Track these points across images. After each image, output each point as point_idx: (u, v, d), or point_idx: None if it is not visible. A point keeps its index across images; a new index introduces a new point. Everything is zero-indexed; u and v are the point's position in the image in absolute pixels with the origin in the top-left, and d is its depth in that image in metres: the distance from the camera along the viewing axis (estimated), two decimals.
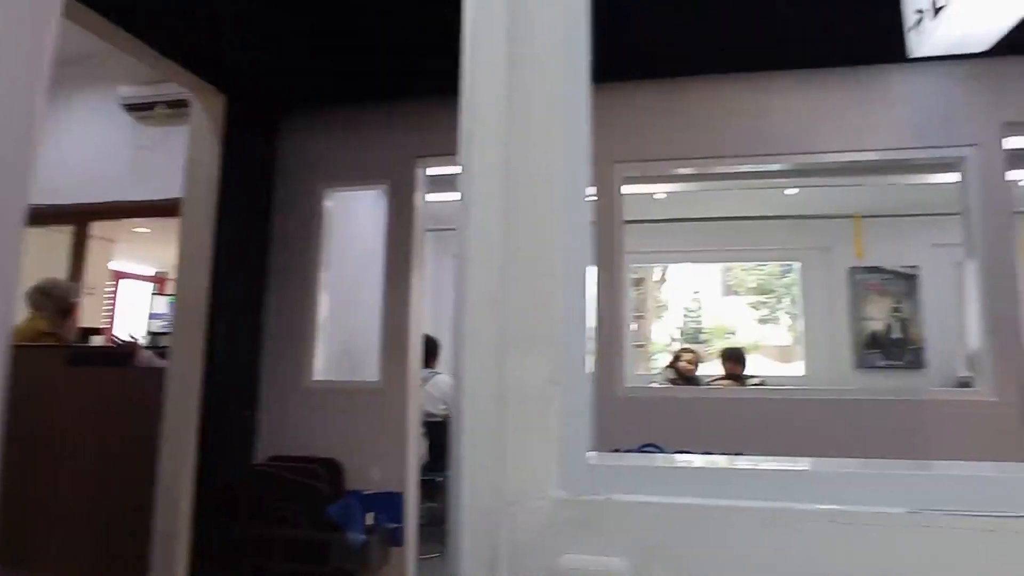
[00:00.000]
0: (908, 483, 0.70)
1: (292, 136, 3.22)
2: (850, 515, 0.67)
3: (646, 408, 2.81)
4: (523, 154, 0.85)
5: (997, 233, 2.80)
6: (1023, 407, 2.72)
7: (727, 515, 0.71)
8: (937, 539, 0.64)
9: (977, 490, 0.68)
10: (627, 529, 0.75)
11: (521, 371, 0.80)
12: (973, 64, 2.90)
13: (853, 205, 4.00)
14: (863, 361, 5.10)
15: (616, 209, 2.88)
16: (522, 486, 0.78)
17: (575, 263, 0.82)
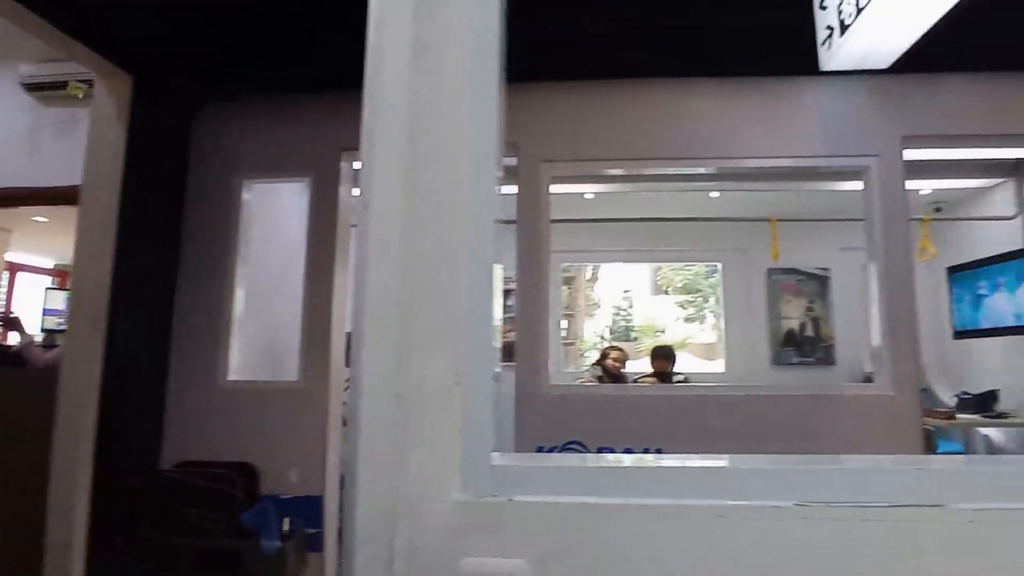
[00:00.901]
0: (797, 477, 0.73)
1: (208, 124, 3.05)
2: (739, 510, 0.69)
3: (572, 405, 2.82)
4: (428, 150, 0.82)
5: (896, 238, 2.99)
6: (918, 401, 2.92)
7: (623, 513, 0.72)
8: (823, 530, 0.66)
9: (860, 482, 0.71)
10: (529, 530, 0.74)
11: (423, 371, 0.78)
12: (877, 80, 3.08)
13: (770, 209, 4.18)
14: (779, 358, 5.36)
15: (543, 208, 2.89)
16: (422, 488, 0.75)
17: (481, 262, 0.80)
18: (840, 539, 0.66)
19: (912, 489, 0.70)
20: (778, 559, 0.68)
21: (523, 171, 2.92)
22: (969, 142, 3.21)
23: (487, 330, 0.80)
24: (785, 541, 0.68)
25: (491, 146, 0.87)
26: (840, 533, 0.66)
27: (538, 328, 2.77)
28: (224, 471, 2.60)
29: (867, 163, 3.05)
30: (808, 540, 0.68)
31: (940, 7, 2.42)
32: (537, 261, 2.82)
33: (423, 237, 0.81)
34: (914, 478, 0.72)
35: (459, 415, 0.79)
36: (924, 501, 0.68)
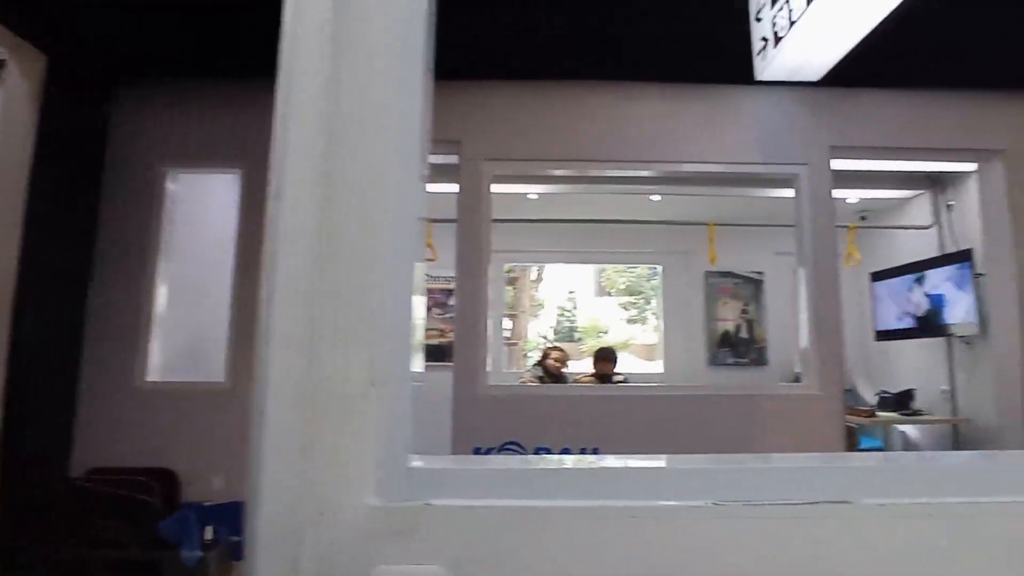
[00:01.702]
0: (714, 477, 0.73)
1: (130, 107, 2.88)
2: (656, 510, 0.68)
3: (510, 406, 2.81)
4: (346, 140, 0.78)
5: (823, 244, 3.11)
6: (841, 400, 3.05)
7: (540, 516, 0.70)
8: (739, 528, 0.66)
9: (775, 480, 0.72)
10: (446, 535, 0.71)
11: (337, 370, 0.74)
12: (808, 92, 3.20)
13: (708, 214, 4.29)
14: (715, 359, 5.51)
15: (485, 206, 2.87)
16: (333, 494, 0.71)
17: (401, 258, 0.76)
18: (756, 536, 0.67)
19: (823, 486, 0.72)
20: (695, 558, 0.67)
21: (465, 169, 2.89)
22: (891, 154, 3.39)
23: (407, 329, 0.77)
24: (702, 540, 0.68)
25: (414, 140, 0.83)
26: (756, 531, 0.67)
27: (477, 328, 2.75)
28: (140, 478, 2.45)
29: (797, 171, 3.17)
30: (724, 538, 0.68)
31: (865, 25, 2.54)
32: (477, 260, 2.80)
33: (339, 231, 0.76)
34: (825, 475, 0.74)
35: (375, 416, 0.75)
36: (834, 497, 0.71)
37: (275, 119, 0.78)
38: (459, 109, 2.95)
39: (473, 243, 2.81)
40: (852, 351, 5.35)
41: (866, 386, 5.23)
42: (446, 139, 2.89)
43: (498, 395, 2.81)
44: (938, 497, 0.72)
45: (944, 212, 4.38)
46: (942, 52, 3.15)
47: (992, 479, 0.74)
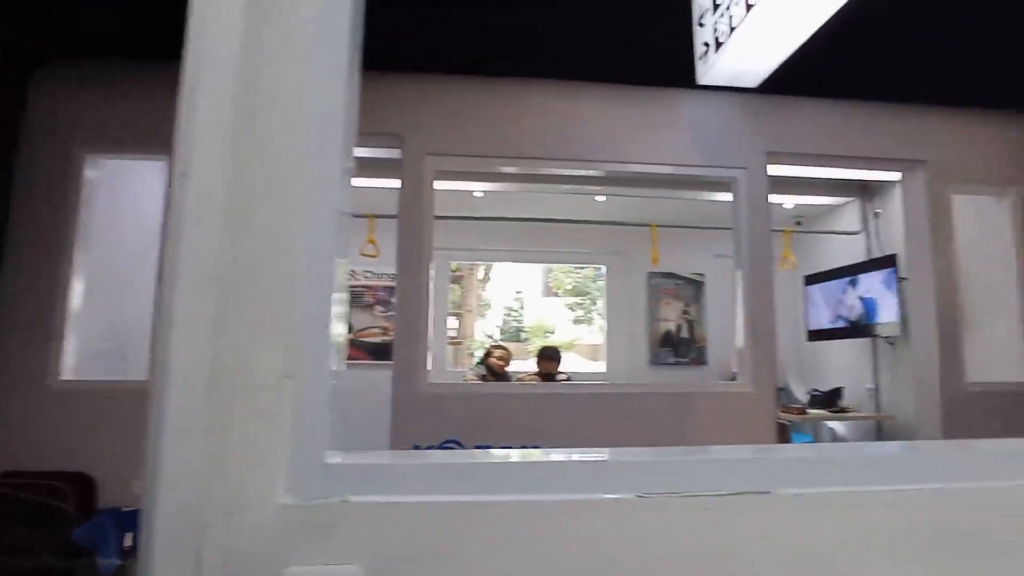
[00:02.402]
0: (640, 470, 0.72)
1: (49, 91, 2.70)
2: (581, 504, 0.67)
3: (450, 404, 2.78)
4: (260, 119, 0.74)
5: (759, 247, 3.21)
6: (773, 397, 3.15)
7: (465, 511, 0.68)
8: (664, 519, 0.66)
9: (698, 473, 0.72)
10: (365, 533, 0.68)
11: (247, 362, 0.69)
12: (747, 98, 3.30)
13: (651, 215, 4.37)
14: (656, 358, 5.62)
15: (427, 202, 2.82)
16: (242, 492, 0.67)
17: (319, 250, 0.73)
18: (680, 527, 0.67)
19: (744, 477, 0.73)
20: (620, 550, 0.67)
21: (407, 164, 2.84)
22: (823, 161, 3.52)
23: (324, 322, 0.73)
24: (627, 532, 0.66)
25: (336, 129, 0.79)
26: (680, 521, 0.67)
27: (417, 325, 2.70)
28: (55, 482, 2.29)
29: (736, 175, 3.26)
30: (650, 529, 0.67)
31: (800, 35, 2.63)
32: (419, 257, 2.75)
33: (251, 216, 0.72)
34: (746, 467, 0.74)
35: (289, 410, 0.71)
36: (754, 488, 0.71)
37: (182, 88, 0.73)
38: (402, 103, 2.89)
39: (414, 239, 2.76)
40: (786, 351, 5.56)
41: (799, 385, 5.43)
42: (388, 132, 2.83)
43: (439, 393, 2.78)
44: (853, 486, 0.74)
45: (872, 219, 4.59)
46: (871, 65, 3.30)
47: (905, 469, 0.77)
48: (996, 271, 3.68)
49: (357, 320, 5.10)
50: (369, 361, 4.98)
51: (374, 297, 5.11)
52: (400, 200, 2.81)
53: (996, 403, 3.41)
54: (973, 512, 0.74)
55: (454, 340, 7.30)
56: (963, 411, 3.34)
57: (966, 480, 0.76)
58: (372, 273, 5.08)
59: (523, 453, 0.78)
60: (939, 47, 3.15)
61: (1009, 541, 0.74)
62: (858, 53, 3.17)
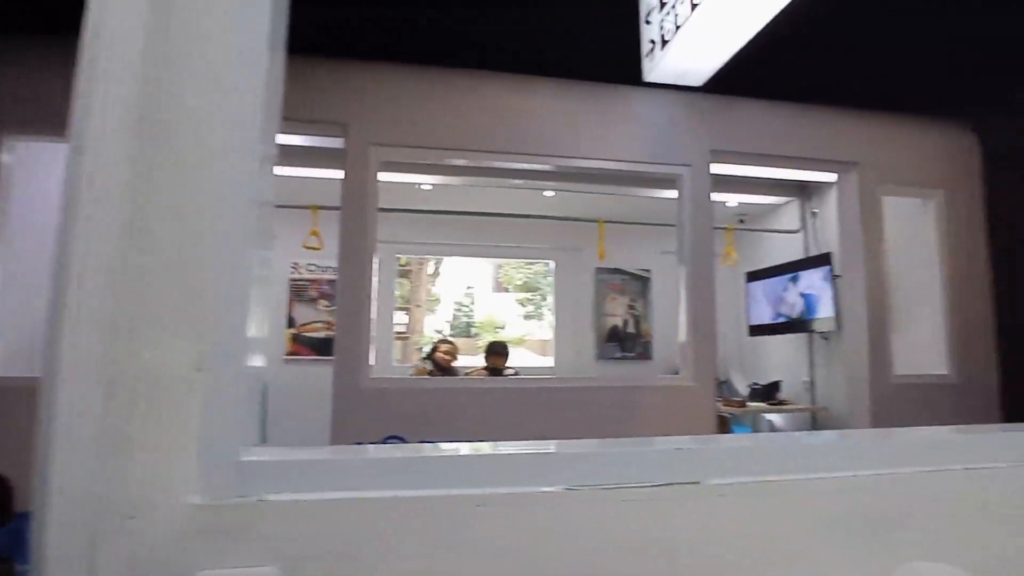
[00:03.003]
0: (568, 462, 0.72)
1: None
2: (508, 497, 0.65)
3: (394, 399, 2.73)
4: (169, 95, 0.69)
5: (701, 244, 3.27)
6: (713, 390, 3.23)
7: (389, 507, 0.66)
8: (593, 512, 0.66)
9: (628, 464, 0.72)
10: (282, 533, 0.64)
11: (153, 354, 0.65)
12: (692, 97, 3.35)
13: (599, 211, 4.41)
14: (603, 353, 5.69)
15: (371, 194, 2.76)
16: (147, 493, 0.63)
17: (235, 237, 0.69)
18: (609, 519, 0.67)
19: (674, 468, 0.73)
20: (549, 543, 0.65)
21: (351, 154, 2.77)
22: (764, 161, 3.62)
23: (241, 313, 0.69)
24: (556, 525, 0.65)
25: (252, 113, 0.75)
26: (609, 514, 0.67)
27: (360, 319, 2.64)
28: None
29: (681, 172, 3.31)
30: (578, 523, 0.66)
31: (743, 36, 2.68)
32: (361, 249, 2.68)
33: (157, 200, 0.67)
34: (676, 458, 0.74)
35: (200, 405, 0.67)
36: (683, 479, 0.71)
37: (80, 60, 0.68)
38: (347, 91, 2.82)
39: (358, 232, 2.69)
40: (728, 346, 5.71)
41: (739, 378, 5.60)
42: (331, 121, 2.75)
43: (382, 388, 2.72)
44: (779, 475, 0.75)
45: (810, 218, 4.76)
46: (810, 69, 3.41)
47: (829, 457, 0.78)
48: (921, 270, 3.87)
49: (300, 314, 4.96)
50: (312, 357, 4.85)
51: (318, 291, 4.98)
52: (343, 191, 2.73)
53: (919, 394, 3.59)
54: (893, 497, 0.77)
55: (402, 335, 7.21)
56: (890, 402, 3.51)
57: (886, 467, 0.78)
58: (316, 266, 4.94)
59: (450, 447, 0.76)
60: (873, 53, 3.28)
61: (926, 524, 0.77)
62: (797, 56, 3.27)
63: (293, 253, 4.62)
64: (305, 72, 2.72)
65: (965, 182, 3.84)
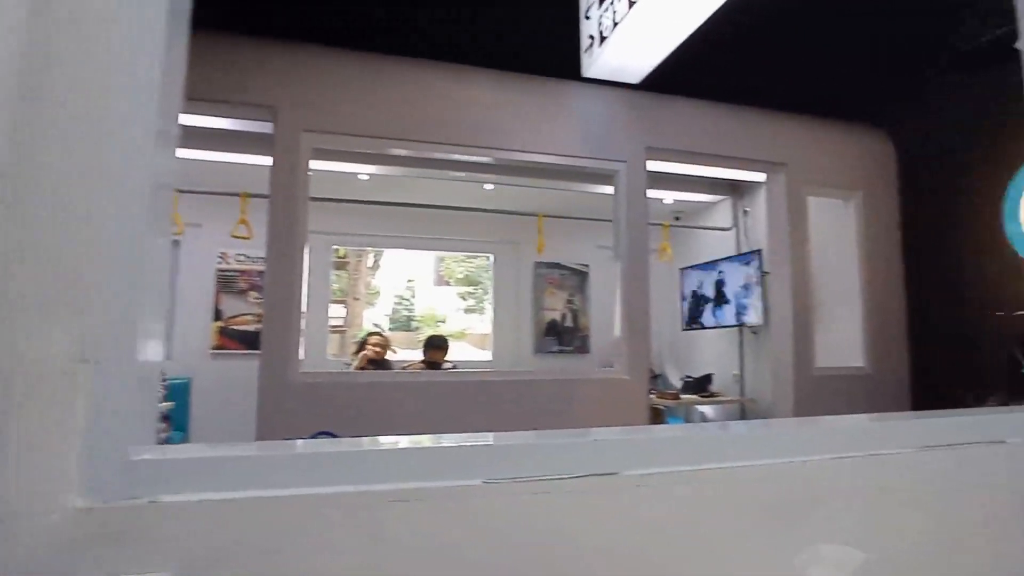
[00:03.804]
0: (487, 455, 0.70)
1: None
2: (426, 491, 0.63)
3: (325, 394, 2.65)
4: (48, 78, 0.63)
5: (636, 239, 3.33)
6: (646, 383, 3.30)
7: (294, 505, 0.62)
8: (512, 504, 0.65)
9: (546, 457, 0.71)
10: (177, 536, 0.60)
11: (30, 344, 0.59)
12: (629, 93, 3.40)
13: (538, 205, 4.43)
14: (541, 347, 5.73)
15: (302, 182, 2.66)
16: (21, 497, 0.57)
17: (127, 222, 0.63)
18: (527, 512, 0.66)
19: (593, 460, 0.73)
20: (468, 537, 0.64)
21: (280, 139, 2.66)
22: (697, 159, 3.71)
23: (134, 302, 0.64)
24: (475, 519, 0.64)
25: (149, 88, 0.69)
26: (527, 506, 0.66)
27: (290, 311, 2.55)
28: None
29: (617, 168, 3.35)
30: (497, 516, 0.65)
31: (679, 35, 2.73)
32: (291, 239, 2.59)
33: (40, 174, 0.62)
34: (593, 450, 0.74)
35: (84, 400, 0.62)
36: (601, 470, 0.71)
37: None
38: (276, 73, 2.70)
39: (287, 221, 2.59)
40: (663, 340, 5.86)
41: (674, 371, 5.75)
42: (259, 104, 2.63)
43: (313, 383, 2.64)
44: (696, 465, 0.76)
45: (741, 216, 4.92)
46: (742, 71, 3.52)
47: (743, 447, 0.80)
48: (842, 268, 4.07)
49: (228, 306, 4.75)
50: (242, 351, 4.67)
51: (248, 282, 4.78)
52: (272, 178, 2.62)
53: (838, 385, 3.78)
54: (802, 484, 0.79)
55: (338, 328, 7.05)
56: (811, 393, 3.67)
57: (797, 455, 0.81)
58: (246, 257, 4.75)
59: (365, 441, 0.73)
60: (799, 58, 3.41)
61: (832, 509, 0.80)
62: (730, 58, 3.37)
63: (221, 242, 4.43)
64: (232, 52, 2.60)
65: (882, 185, 4.06)
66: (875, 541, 0.81)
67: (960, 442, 0.90)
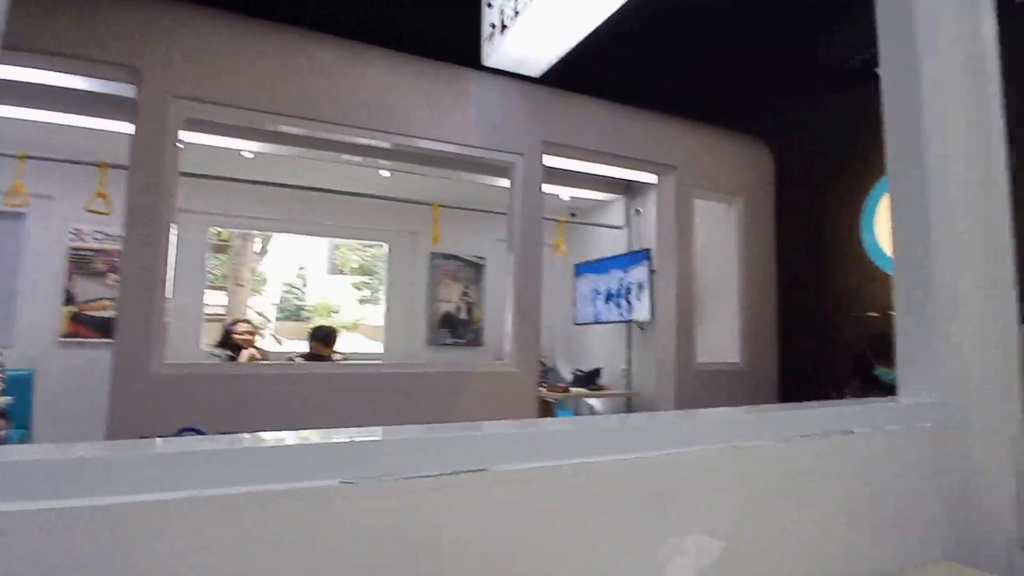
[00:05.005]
0: (345, 454, 0.64)
1: None
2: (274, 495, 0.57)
3: (194, 387, 2.43)
4: None
5: (530, 233, 3.33)
6: (535, 376, 3.32)
7: (110, 516, 0.52)
8: (372, 506, 0.61)
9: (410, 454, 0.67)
10: (8, 552, 0.50)
11: None
12: (529, 86, 3.40)
13: (435, 195, 4.33)
14: (435, 339, 5.65)
15: (169, 154, 2.40)
16: None
17: None
18: (389, 513, 0.62)
19: (460, 456, 0.70)
20: (323, 542, 0.58)
21: (145, 105, 2.39)
22: (593, 157, 3.78)
23: None
24: (329, 523, 0.59)
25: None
26: (390, 507, 0.62)
27: (152, 296, 2.30)
28: None
29: (514, 160, 3.34)
30: (355, 519, 0.60)
31: (579, 30, 2.75)
32: (155, 217, 2.33)
33: None
34: (463, 445, 0.70)
35: None
36: (471, 466, 0.68)
37: None
38: (142, 31, 2.42)
39: (151, 197, 2.33)
40: (557, 335, 5.96)
41: (565, 365, 5.87)
42: (121, 63, 2.35)
43: (179, 375, 2.40)
44: (567, 459, 0.74)
45: (634, 216, 5.09)
46: (639, 74, 3.62)
47: (612, 440, 0.78)
48: (724, 269, 4.31)
49: (83, 290, 4.25)
50: (97, 338, 4.19)
51: (107, 263, 4.30)
52: (133, 148, 2.35)
53: (716, 380, 4.01)
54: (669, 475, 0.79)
55: (218, 316, 6.58)
56: (691, 387, 3.87)
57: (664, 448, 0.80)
58: (105, 234, 4.26)
59: (206, 439, 0.64)
60: (693, 65, 3.56)
61: (696, 499, 0.80)
62: (628, 60, 3.45)
63: (76, 217, 3.96)
64: (88, 3, 2.30)
65: (761, 192, 4.34)
66: (730, 530, 0.83)
67: (815, 432, 0.94)
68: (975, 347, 1.13)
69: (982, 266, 1.17)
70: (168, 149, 2.39)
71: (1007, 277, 1.18)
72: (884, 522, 1.01)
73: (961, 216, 1.16)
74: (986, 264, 1.17)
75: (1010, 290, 1.18)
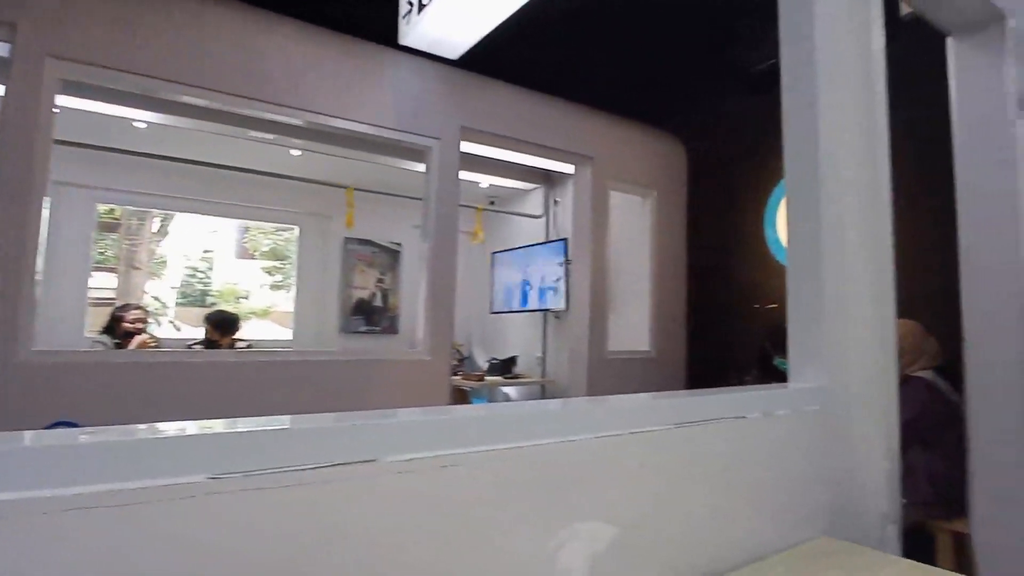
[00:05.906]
0: (215, 446, 0.58)
1: None
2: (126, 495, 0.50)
3: (69, 377, 2.22)
4: None
5: (446, 220, 3.28)
6: (448, 364, 3.28)
7: None
8: (244, 503, 0.56)
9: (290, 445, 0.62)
10: None
11: None
12: (446, 69, 3.33)
13: (350, 178, 4.18)
14: (348, 326, 5.49)
15: (43, 119, 2.17)
16: None
17: None
18: (265, 510, 0.57)
19: (348, 447, 0.66)
20: (186, 547, 0.53)
21: (17, 64, 2.14)
22: (511, 145, 3.76)
23: None
24: (197, 523, 0.53)
25: None
26: (266, 503, 0.57)
27: (17, 276, 2.07)
28: None
29: (430, 144, 3.26)
30: (224, 518, 0.55)
31: (497, 13, 2.71)
32: (24, 189, 2.09)
33: None
34: (351, 435, 0.66)
35: None
36: (358, 458, 0.64)
37: None
38: None
39: (19, 166, 2.08)
40: (473, 322, 5.94)
41: (481, 353, 5.87)
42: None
43: (52, 362, 2.18)
44: (463, 447, 0.71)
45: (552, 205, 5.13)
46: (557, 62, 3.63)
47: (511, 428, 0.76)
48: (636, 260, 4.43)
49: None
50: None
51: None
52: (2, 111, 2.11)
53: (626, 367, 4.12)
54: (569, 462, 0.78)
55: (106, 300, 6.08)
56: (603, 374, 3.95)
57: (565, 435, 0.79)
58: None
59: (52, 434, 0.56)
60: (609, 57, 3.61)
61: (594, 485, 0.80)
62: (547, 48, 3.45)
63: None
64: None
65: (674, 186, 4.48)
66: (624, 515, 0.83)
67: (710, 418, 0.97)
68: (858, 337, 1.21)
69: (866, 263, 1.24)
70: (43, 114, 2.15)
71: (887, 274, 1.26)
72: (773, 502, 1.05)
73: (849, 217, 1.23)
74: (869, 262, 1.25)
75: (889, 286, 1.27)
